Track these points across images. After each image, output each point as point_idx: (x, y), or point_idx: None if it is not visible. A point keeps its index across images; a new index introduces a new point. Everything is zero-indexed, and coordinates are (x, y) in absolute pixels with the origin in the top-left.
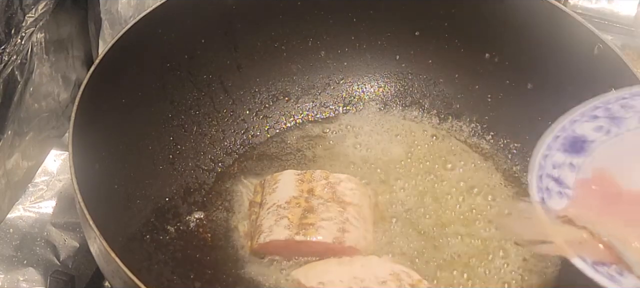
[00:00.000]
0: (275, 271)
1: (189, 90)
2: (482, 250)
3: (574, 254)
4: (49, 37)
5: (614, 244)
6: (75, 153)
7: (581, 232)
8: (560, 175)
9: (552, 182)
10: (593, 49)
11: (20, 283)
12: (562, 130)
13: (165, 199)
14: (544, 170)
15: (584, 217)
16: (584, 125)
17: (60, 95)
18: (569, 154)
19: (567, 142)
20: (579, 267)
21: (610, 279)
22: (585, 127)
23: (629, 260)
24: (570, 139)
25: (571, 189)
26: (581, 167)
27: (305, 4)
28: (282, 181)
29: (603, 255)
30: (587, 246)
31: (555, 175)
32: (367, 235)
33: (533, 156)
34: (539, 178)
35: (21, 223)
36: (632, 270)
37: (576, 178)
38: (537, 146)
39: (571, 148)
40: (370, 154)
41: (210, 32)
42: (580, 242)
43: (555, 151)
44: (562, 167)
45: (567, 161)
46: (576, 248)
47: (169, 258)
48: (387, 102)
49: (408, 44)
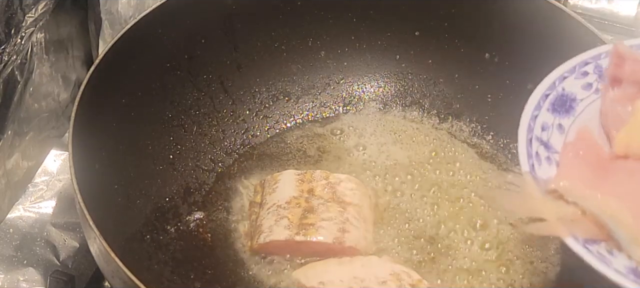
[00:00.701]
0: (275, 271)
1: (189, 90)
2: (482, 249)
3: (567, 233)
4: (49, 37)
5: (605, 220)
6: (75, 153)
7: (572, 208)
8: (550, 139)
9: (542, 147)
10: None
11: (20, 283)
12: (551, 88)
13: (165, 199)
14: (532, 132)
15: (574, 192)
16: (574, 82)
17: (60, 95)
18: (558, 114)
19: (557, 101)
20: (570, 246)
21: (600, 259)
22: (574, 84)
23: (619, 236)
24: (559, 97)
25: (558, 154)
26: (568, 128)
27: (305, 4)
28: (282, 181)
29: (594, 232)
30: (578, 223)
31: (544, 139)
32: (367, 235)
33: (522, 116)
34: (528, 142)
35: (21, 223)
36: (622, 247)
37: (563, 141)
38: (527, 105)
39: (560, 107)
40: (371, 154)
41: (210, 32)
42: (571, 219)
43: (544, 111)
44: (551, 129)
45: (555, 122)
46: (568, 226)
47: (169, 258)
48: (387, 102)
49: (408, 44)
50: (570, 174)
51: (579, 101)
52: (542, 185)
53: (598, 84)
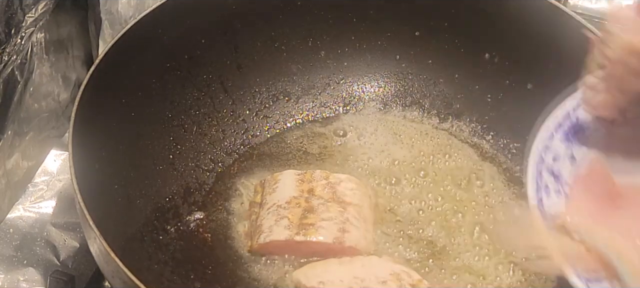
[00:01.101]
0: (275, 271)
1: (189, 90)
2: (483, 249)
3: (572, 271)
4: (49, 37)
5: (611, 258)
6: (75, 153)
7: (577, 245)
8: (560, 169)
9: (552, 178)
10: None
11: (20, 283)
12: (565, 118)
13: (165, 199)
14: (543, 164)
15: (581, 228)
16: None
17: (60, 95)
18: (571, 144)
19: (570, 130)
20: (574, 284)
21: None
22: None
23: (623, 274)
24: (573, 126)
25: (569, 186)
26: (581, 159)
27: (305, 4)
28: (282, 181)
29: (598, 270)
30: (582, 260)
31: (555, 170)
32: (367, 235)
33: (533, 147)
34: (538, 174)
35: (21, 223)
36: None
37: (574, 173)
38: (539, 135)
39: (574, 137)
40: (371, 154)
41: (210, 32)
42: (576, 256)
43: (557, 141)
44: (562, 159)
45: (568, 152)
46: (572, 263)
47: (169, 258)
48: (387, 102)
49: (408, 44)
50: (579, 210)
51: (594, 130)
52: (550, 220)
53: None
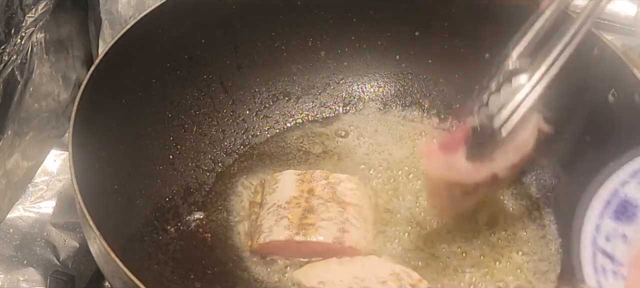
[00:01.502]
0: (275, 271)
1: (189, 90)
2: (483, 248)
3: None
4: (49, 37)
5: None
6: (75, 153)
7: None
8: (614, 250)
9: (607, 260)
10: (593, 49)
11: (20, 283)
12: (613, 195)
13: (165, 199)
14: (597, 245)
15: None
16: (637, 187)
17: (60, 95)
18: (621, 223)
19: (619, 208)
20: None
21: None
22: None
23: None
24: (621, 204)
25: (625, 267)
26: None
27: (305, 4)
28: (282, 181)
29: None
30: None
31: (609, 251)
32: (367, 235)
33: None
34: (593, 256)
35: (21, 223)
36: None
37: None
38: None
39: (623, 215)
40: (370, 154)
41: (210, 32)
42: None
43: (607, 219)
44: (614, 239)
45: (619, 231)
46: None
47: (169, 258)
48: (387, 102)
49: (408, 44)
50: None
51: None
52: None
53: None
